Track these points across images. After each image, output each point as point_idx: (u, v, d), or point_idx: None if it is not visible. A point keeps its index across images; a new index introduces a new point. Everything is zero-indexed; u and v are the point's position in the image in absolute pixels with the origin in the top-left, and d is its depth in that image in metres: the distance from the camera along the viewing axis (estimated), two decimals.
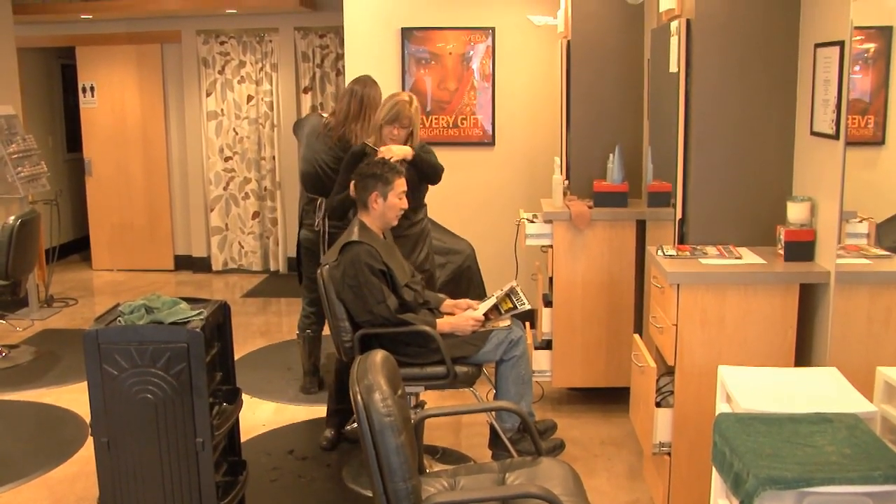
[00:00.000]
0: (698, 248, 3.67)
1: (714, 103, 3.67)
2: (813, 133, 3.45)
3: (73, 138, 9.45)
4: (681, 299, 3.37)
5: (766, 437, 2.43)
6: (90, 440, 3.73)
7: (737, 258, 3.51)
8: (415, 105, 4.22)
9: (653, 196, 4.56)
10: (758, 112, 3.66)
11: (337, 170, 4.49)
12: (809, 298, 3.43)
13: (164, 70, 8.58)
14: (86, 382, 3.15)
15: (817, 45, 3.39)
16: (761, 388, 2.79)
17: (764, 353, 3.37)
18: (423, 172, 4.24)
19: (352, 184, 3.94)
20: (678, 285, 3.37)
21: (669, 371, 3.61)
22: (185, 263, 8.82)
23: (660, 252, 3.63)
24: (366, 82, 4.76)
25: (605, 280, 4.73)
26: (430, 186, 4.40)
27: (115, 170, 8.74)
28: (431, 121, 6.27)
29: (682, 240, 3.81)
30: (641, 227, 4.73)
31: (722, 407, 2.86)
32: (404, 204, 3.88)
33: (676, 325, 3.38)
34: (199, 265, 8.77)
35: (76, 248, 9.57)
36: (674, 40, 3.79)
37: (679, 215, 3.81)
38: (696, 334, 3.38)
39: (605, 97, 5.09)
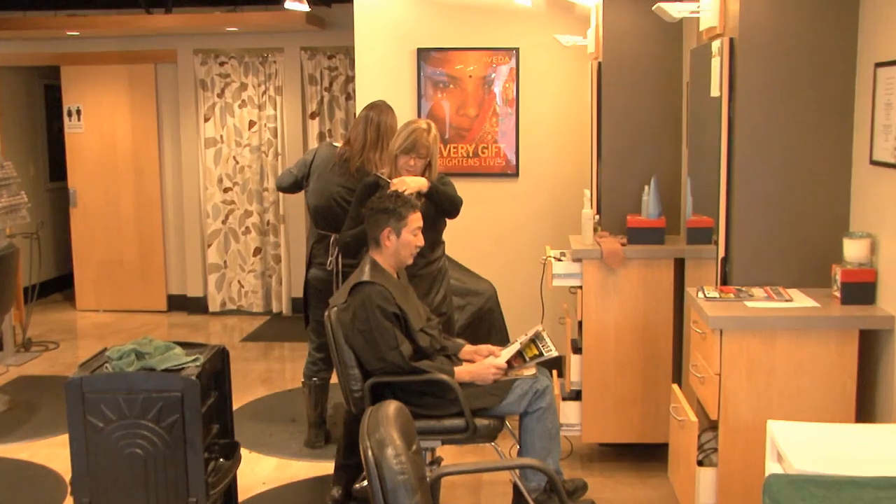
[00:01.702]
0: (743, 289, 3.65)
1: (760, 130, 3.66)
2: (872, 162, 3.44)
3: (56, 166, 9.56)
4: (724, 346, 3.34)
5: (824, 502, 2.40)
6: (70, 501, 3.68)
7: (787, 301, 3.48)
8: (433, 133, 4.27)
9: (693, 232, 4.55)
10: (809, 139, 3.65)
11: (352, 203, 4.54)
12: (871, 346, 3.40)
13: (157, 92, 8.68)
14: (67, 436, 3.15)
15: (878, 65, 3.39)
16: (817, 447, 2.76)
17: (819, 406, 3.34)
18: (441, 206, 4.26)
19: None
20: (721, 331, 3.35)
21: (713, 426, 3.58)
22: (180, 304, 8.86)
23: (701, 294, 3.61)
24: (381, 108, 4.82)
25: (639, 324, 4.71)
26: (448, 221, 4.41)
27: (102, 201, 8.82)
28: (450, 150, 6.29)
29: (725, 280, 3.80)
30: (680, 266, 4.72)
31: (772, 467, 2.83)
32: (420, 241, 3.90)
33: (720, 375, 3.36)
34: (195, 306, 8.80)
35: (58, 287, 9.63)
36: (715, 61, 3.80)
37: (722, 253, 3.80)
38: (742, 385, 3.35)
39: (639, 124, 5.10)
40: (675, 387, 3.91)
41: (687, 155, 4.93)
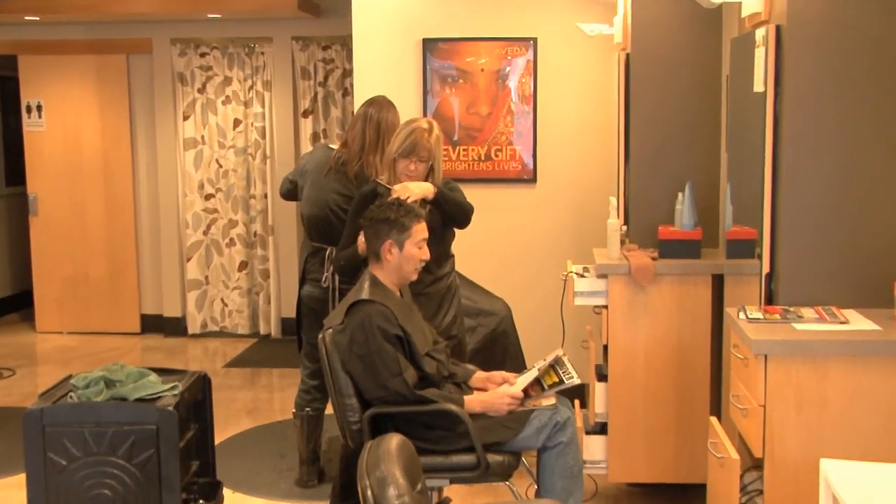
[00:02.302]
0: (791, 309, 3.64)
1: (810, 129, 3.66)
2: None
3: (13, 169, 9.57)
4: (770, 374, 3.34)
5: None
6: None
7: (841, 322, 3.47)
8: (435, 133, 4.29)
9: (733, 245, 4.55)
10: (866, 139, 3.65)
11: None
12: None
13: (130, 87, 8.71)
14: (24, 475, 3.14)
15: None
16: (878, 489, 2.74)
17: (879, 443, 3.32)
18: (449, 214, 4.27)
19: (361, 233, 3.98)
20: (766, 357, 3.33)
21: (757, 464, 3.56)
22: (155, 325, 8.87)
23: (742, 315, 3.61)
24: (381, 104, 4.83)
25: (673, 349, 4.71)
26: (457, 232, 4.41)
27: (67, 209, 8.83)
28: (459, 152, 6.30)
29: (770, 299, 3.79)
30: (719, 283, 4.72)
31: None
32: (425, 254, 3.91)
33: (765, 407, 3.35)
34: (172, 327, 8.81)
35: (15, 306, 9.65)
36: (759, 52, 3.80)
37: (766, 269, 3.79)
38: (791, 419, 3.34)
39: (672, 123, 5.11)
40: (713, 419, 3.90)
41: (726, 158, 4.93)
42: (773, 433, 3.36)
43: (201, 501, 3.41)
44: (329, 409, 4.29)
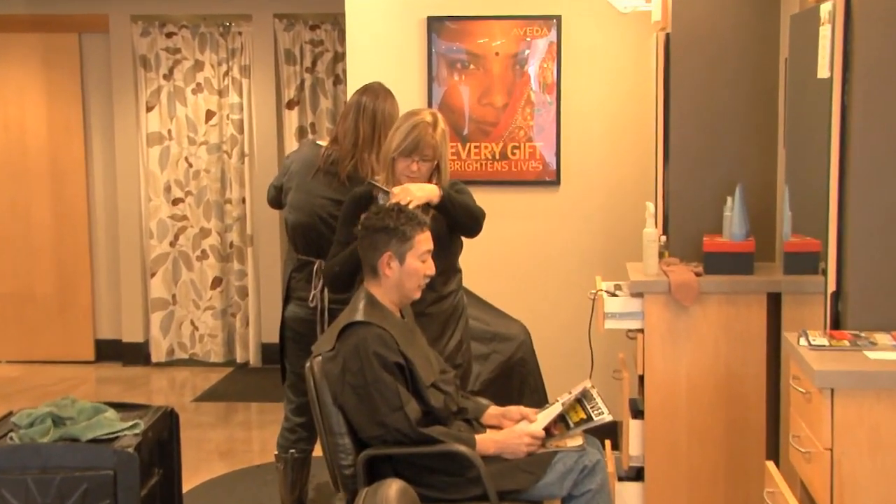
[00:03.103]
0: (863, 335, 3.63)
1: (884, 122, 3.65)
2: None
3: None
4: (837, 412, 3.32)
5: None
6: None
7: None
8: (441, 128, 4.29)
9: (792, 258, 4.54)
10: None
11: None
12: None
13: (83, 72, 8.73)
14: None
15: None
16: None
17: None
18: (457, 221, 4.27)
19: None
20: (832, 391, 3.31)
21: None
22: (112, 352, 8.87)
23: (803, 340, 3.60)
24: (377, 92, 4.83)
25: (721, 380, 4.70)
26: (466, 243, 4.41)
27: (7, 215, 8.84)
28: (469, 150, 6.29)
29: (837, 323, 3.78)
30: (775, 303, 4.72)
31: None
32: (429, 268, 3.92)
33: (832, 451, 3.33)
34: (133, 354, 8.80)
35: None
36: (825, 31, 3.79)
37: (832, 286, 3.78)
38: (864, 464, 3.32)
39: (720, 115, 5.11)
40: (769, 464, 3.88)
41: (784, 156, 4.93)
42: (843, 482, 3.33)
43: None
44: (317, 451, 4.28)
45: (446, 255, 4.30)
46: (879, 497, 3.32)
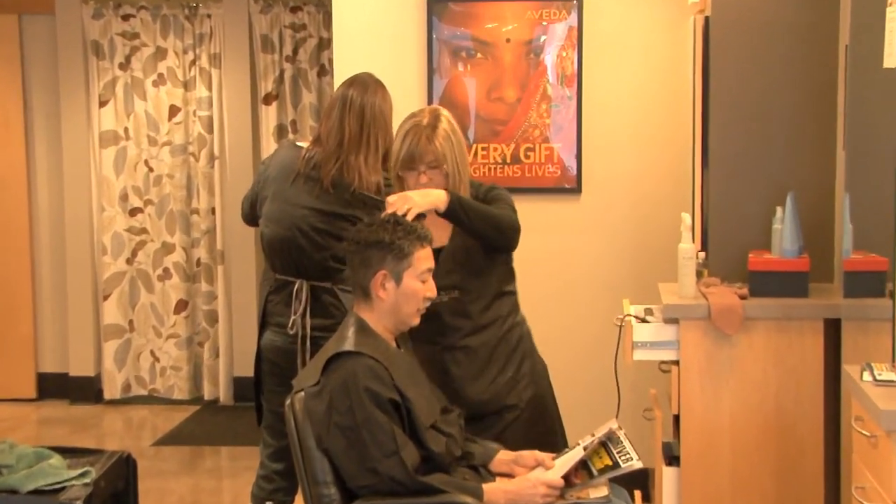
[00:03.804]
0: None
1: None
2: None
3: None
4: None
5: None
6: None
7: None
8: (443, 127, 4.30)
9: (853, 278, 4.53)
10: None
11: (328, 233, 4.63)
12: None
13: (23, 60, 8.76)
14: None
15: None
16: None
17: None
18: (474, 231, 4.24)
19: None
20: None
21: None
22: (58, 388, 8.86)
23: (867, 375, 3.59)
24: (366, 85, 4.83)
25: (770, 421, 4.69)
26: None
27: None
28: (477, 152, 6.28)
29: None
30: (834, 330, 4.69)
31: None
32: (429, 290, 3.92)
33: None
34: (82, 391, 8.79)
35: None
36: (892, 14, 3.78)
37: None
38: None
39: (769, 111, 5.11)
40: None
41: (844, 159, 4.92)
42: None
43: None
44: (299, 502, 4.26)
45: (478, 274, 4.31)
46: None
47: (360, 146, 4.73)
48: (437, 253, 4.09)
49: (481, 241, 4.27)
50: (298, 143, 5.05)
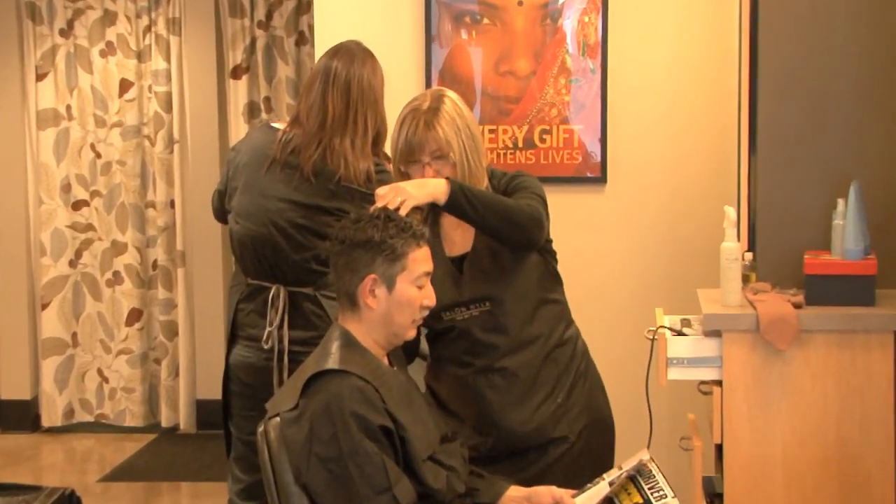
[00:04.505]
0: None
1: None
2: None
3: None
4: None
5: None
6: None
7: None
8: (445, 110, 4.27)
9: None
10: None
11: (310, 229, 4.66)
12: None
13: None
14: None
15: None
16: None
17: None
18: (484, 226, 4.21)
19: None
20: None
21: None
22: None
23: None
24: (352, 55, 4.85)
25: (831, 451, 4.67)
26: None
27: None
28: (484, 135, 6.24)
29: None
30: None
31: None
32: (428, 297, 3.90)
33: None
34: (16, 417, 8.85)
35: None
36: None
37: None
38: None
39: (827, 91, 5.10)
40: None
41: None
42: None
43: None
44: None
45: (510, 281, 4.30)
46: None
47: (345, 127, 4.72)
48: (460, 261, 4.16)
49: (496, 238, 4.24)
50: (273, 125, 5.06)
